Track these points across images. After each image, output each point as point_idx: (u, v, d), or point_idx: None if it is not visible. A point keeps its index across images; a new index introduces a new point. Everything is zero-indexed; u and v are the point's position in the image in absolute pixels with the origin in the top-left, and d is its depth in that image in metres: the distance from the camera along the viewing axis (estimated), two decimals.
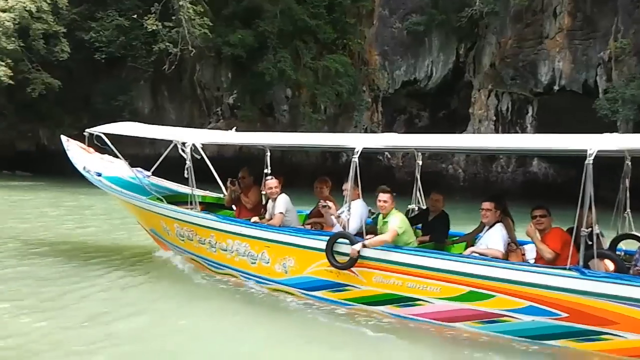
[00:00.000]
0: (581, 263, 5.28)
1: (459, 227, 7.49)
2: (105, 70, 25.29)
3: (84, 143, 9.13)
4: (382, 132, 26.34)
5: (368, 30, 25.07)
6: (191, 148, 7.62)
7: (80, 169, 9.07)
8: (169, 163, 8.29)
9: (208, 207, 8.73)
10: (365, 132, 25.89)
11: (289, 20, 22.36)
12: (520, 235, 6.47)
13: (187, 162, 7.59)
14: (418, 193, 7.58)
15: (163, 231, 8.43)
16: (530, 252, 6.25)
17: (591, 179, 5.14)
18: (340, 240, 6.40)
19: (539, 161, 24.88)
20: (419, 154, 7.34)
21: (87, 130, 8.72)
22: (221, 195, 8.95)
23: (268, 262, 7.12)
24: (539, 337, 5.46)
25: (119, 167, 9.16)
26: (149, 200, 8.46)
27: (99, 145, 8.84)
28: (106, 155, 9.26)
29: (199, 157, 7.84)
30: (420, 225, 7.31)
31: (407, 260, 6.07)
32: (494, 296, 5.62)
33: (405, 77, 24.92)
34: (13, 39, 20.21)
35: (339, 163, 26.86)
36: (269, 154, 8.58)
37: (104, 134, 8.61)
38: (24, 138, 27.80)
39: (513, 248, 6.21)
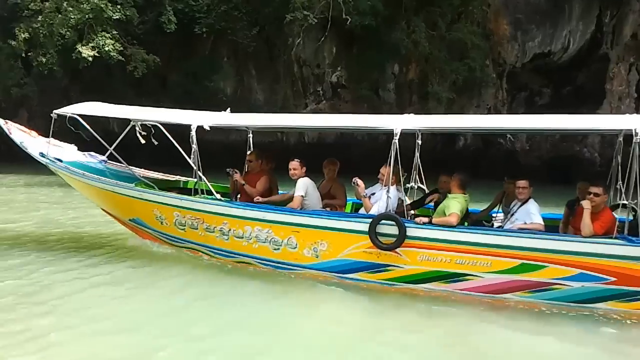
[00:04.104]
0: (625, 232, 6.13)
1: None
2: (182, 46, 22.77)
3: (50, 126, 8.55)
4: (507, 111, 23.87)
5: None
6: (195, 130, 7.78)
7: (35, 155, 8.81)
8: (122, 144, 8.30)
9: (182, 192, 8.73)
10: (489, 112, 23.66)
11: None
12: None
13: (193, 146, 7.74)
14: (418, 173, 7.46)
15: (154, 220, 8.39)
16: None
17: (637, 158, 6.05)
18: (383, 221, 6.88)
19: None
20: (419, 133, 7.09)
21: (55, 111, 8.44)
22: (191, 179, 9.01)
23: (295, 248, 7.39)
24: (587, 300, 6.34)
25: (71, 152, 9.21)
26: (139, 188, 8.45)
27: (72, 129, 8.48)
28: (52, 139, 8.89)
29: (144, 140, 7.96)
30: (432, 205, 7.80)
31: (456, 237, 6.69)
32: (546, 266, 6.36)
33: (540, 49, 22.65)
34: (119, 6, 17.85)
35: (455, 148, 24.40)
36: (251, 135, 8.92)
37: (79, 115, 8.43)
38: (92, 123, 25.70)
39: None
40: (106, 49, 18.62)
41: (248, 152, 8.83)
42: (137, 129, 7.98)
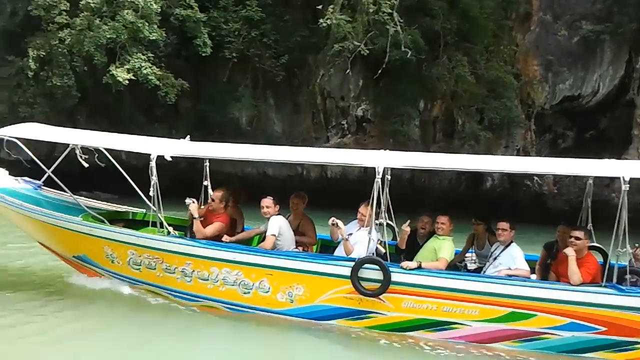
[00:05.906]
0: (614, 280, 6.07)
1: None
2: (197, 71, 22.12)
3: None
4: (535, 153, 23.63)
5: (522, 37, 22.29)
6: (156, 161, 7.27)
7: None
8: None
9: (130, 224, 8.31)
10: (518, 152, 23.23)
11: (463, 17, 19.73)
12: None
13: (153, 178, 7.19)
14: (386, 209, 7.13)
15: (104, 259, 7.74)
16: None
17: (626, 205, 6.10)
18: (366, 265, 6.59)
19: None
20: (388, 169, 6.79)
21: None
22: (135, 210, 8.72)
23: (268, 292, 7.01)
24: (577, 351, 6.30)
25: (1, 177, 8.33)
26: (88, 222, 7.75)
27: (9, 152, 8.01)
28: None
29: (86, 164, 7.57)
30: (394, 242, 7.67)
31: (444, 284, 6.49)
32: (535, 315, 6.24)
33: (570, 91, 22.53)
34: (155, 25, 17.03)
35: (482, 188, 23.87)
36: (207, 164, 8.45)
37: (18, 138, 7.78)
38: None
39: None
40: (144, 72, 17.41)
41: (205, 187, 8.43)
42: (77, 152, 7.51)
